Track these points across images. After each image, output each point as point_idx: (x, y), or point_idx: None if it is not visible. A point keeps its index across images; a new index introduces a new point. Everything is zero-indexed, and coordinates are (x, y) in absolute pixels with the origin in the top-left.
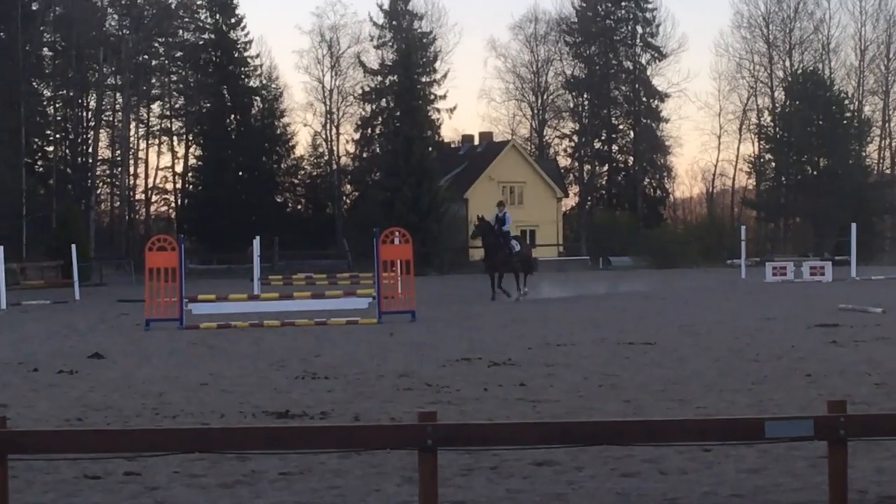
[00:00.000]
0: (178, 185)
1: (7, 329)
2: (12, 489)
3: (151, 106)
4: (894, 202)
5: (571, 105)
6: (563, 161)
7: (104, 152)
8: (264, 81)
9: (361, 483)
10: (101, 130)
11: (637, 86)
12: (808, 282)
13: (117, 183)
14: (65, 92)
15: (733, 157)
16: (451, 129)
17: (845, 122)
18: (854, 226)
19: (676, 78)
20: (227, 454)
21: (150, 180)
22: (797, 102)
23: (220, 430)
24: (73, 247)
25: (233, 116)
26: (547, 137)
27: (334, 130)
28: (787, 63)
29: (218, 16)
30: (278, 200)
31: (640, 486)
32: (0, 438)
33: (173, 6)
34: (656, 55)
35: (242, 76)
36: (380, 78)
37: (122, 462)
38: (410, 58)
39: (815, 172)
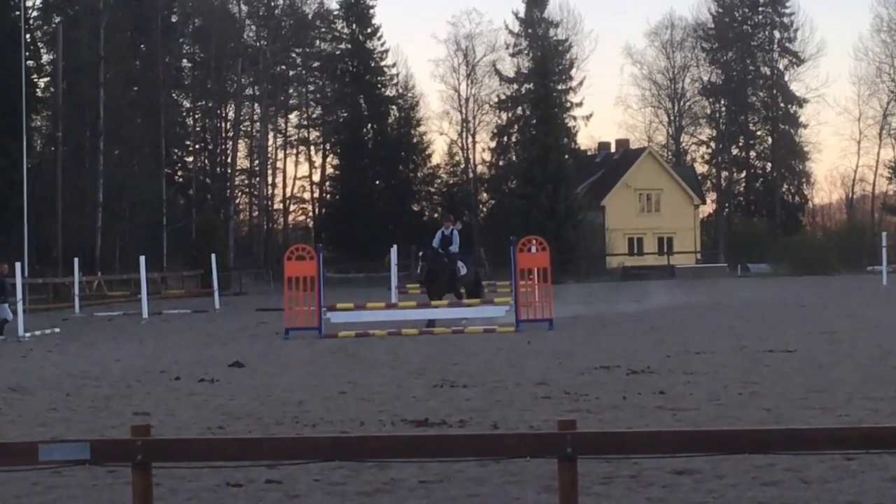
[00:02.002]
0: (316, 195)
1: (149, 338)
2: (156, 497)
3: (289, 116)
4: None
5: (708, 111)
6: (701, 168)
7: (242, 162)
8: (400, 91)
9: (501, 491)
10: (240, 141)
11: (775, 91)
12: None
13: (255, 192)
14: (203, 103)
15: (873, 163)
16: (588, 137)
17: None
18: None
19: (815, 83)
20: (367, 462)
21: (288, 190)
22: None
23: (359, 438)
24: (213, 256)
25: (369, 126)
26: (684, 144)
27: (470, 139)
28: None
29: (354, 26)
30: (415, 209)
31: (782, 495)
32: (145, 446)
33: (310, 17)
34: (794, 60)
35: (379, 85)
36: (515, 86)
37: (263, 470)
38: (546, 65)
39: None
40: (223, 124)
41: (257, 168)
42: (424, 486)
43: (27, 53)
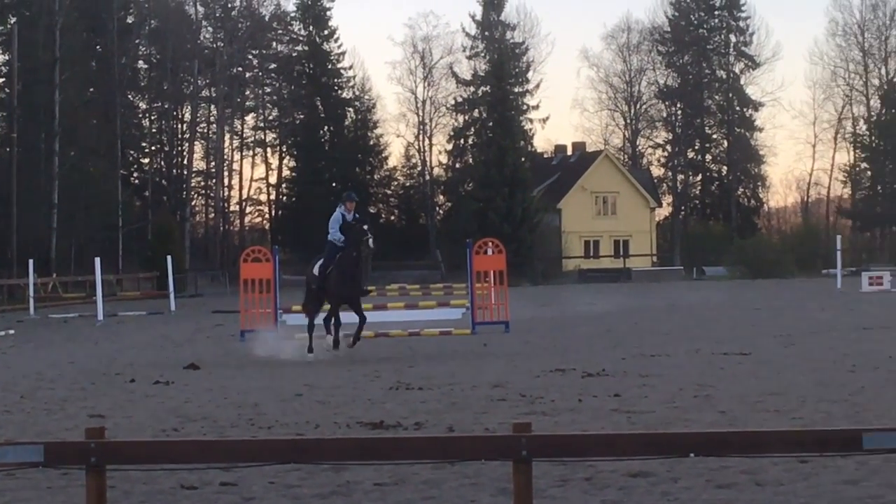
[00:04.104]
0: (272, 197)
1: (104, 340)
2: (110, 500)
3: (245, 118)
4: None
5: (664, 115)
6: (657, 171)
7: (199, 164)
8: (357, 93)
9: (456, 494)
10: (196, 142)
11: (730, 95)
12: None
13: (212, 194)
14: (160, 104)
15: (828, 167)
16: (544, 140)
17: None
18: None
19: (770, 87)
20: (323, 465)
21: (245, 192)
22: (893, 111)
23: (315, 441)
24: (169, 258)
25: (326, 128)
26: (640, 147)
27: (427, 141)
28: (883, 71)
29: (311, 28)
30: (372, 211)
31: (737, 498)
32: (99, 449)
33: (267, 18)
34: (750, 64)
35: (335, 87)
36: (472, 88)
37: (218, 472)
38: (503, 68)
39: None
40: (179, 126)
41: (214, 170)
42: (379, 488)
43: None
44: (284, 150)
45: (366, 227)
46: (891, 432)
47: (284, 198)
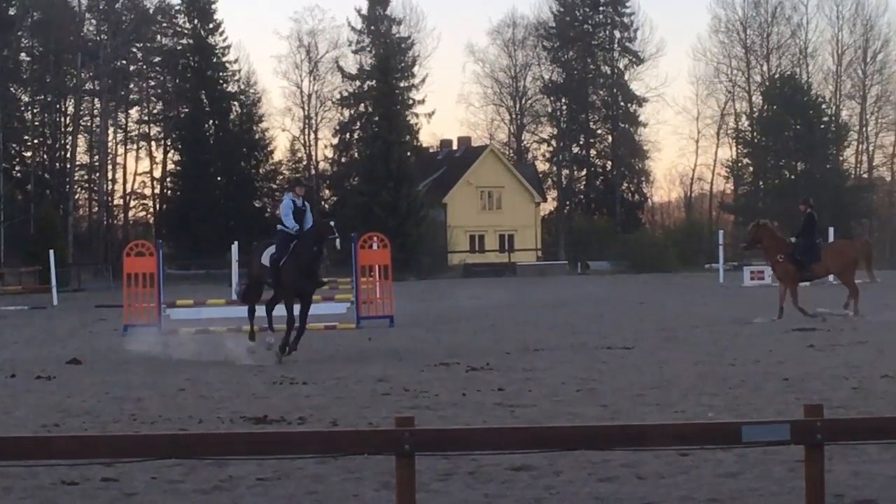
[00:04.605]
0: (157, 191)
1: None
2: None
3: (130, 111)
4: (871, 206)
5: (549, 110)
6: (542, 166)
7: (82, 157)
8: (242, 87)
9: (339, 488)
10: (80, 136)
11: (615, 90)
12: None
13: (95, 188)
14: (43, 97)
15: (711, 162)
16: (430, 134)
17: (822, 126)
18: (832, 230)
19: (654, 83)
20: (205, 460)
21: (129, 186)
22: (775, 107)
23: (197, 436)
24: (52, 252)
25: (211, 122)
26: (525, 142)
27: (312, 135)
28: (765, 67)
29: (196, 21)
30: (257, 205)
31: (618, 491)
32: None
33: (151, 11)
34: (634, 60)
35: (221, 81)
36: (358, 83)
37: (99, 468)
38: (389, 62)
39: (792, 177)
40: (62, 119)
41: (97, 163)
42: (262, 483)
43: None
44: (169, 143)
45: (332, 223)
46: (769, 425)
47: (169, 192)
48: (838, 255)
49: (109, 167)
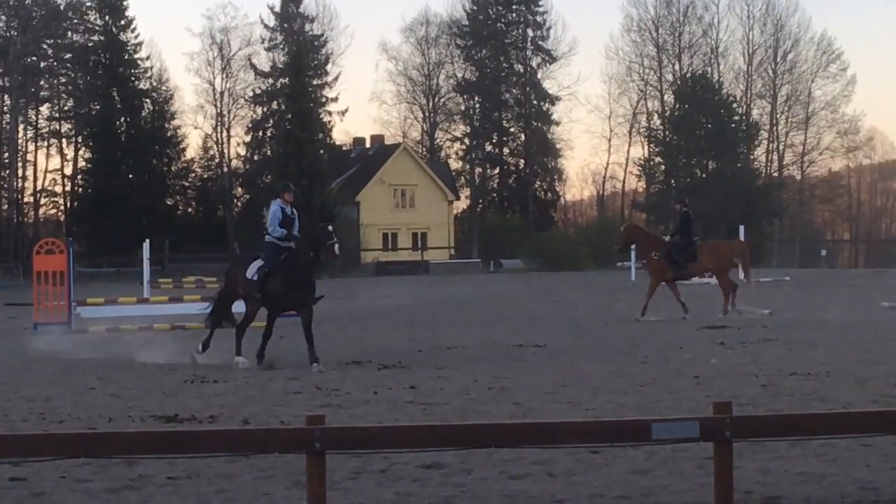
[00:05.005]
0: (68, 188)
1: None
2: None
3: (40, 108)
4: (782, 205)
5: (462, 108)
6: (455, 164)
7: None
8: (154, 84)
9: (250, 487)
10: None
11: (528, 89)
12: (697, 283)
13: (5, 185)
14: None
15: (623, 160)
16: (343, 132)
17: (733, 125)
18: (742, 228)
19: (567, 81)
20: (115, 459)
21: (39, 183)
22: (686, 106)
23: (107, 435)
24: None
25: (123, 119)
26: (438, 140)
27: (225, 133)
28: (677, 67)
29: (108, 17)
30: (169, 203)
31: (529, 489)
32: None
33: (62, 7)
34: (547, 58)
35: (132, 78)
36: (271, 80)
37: (7, 468)
38: (301, 60)
39: (703, 175)
40: None
41: (7, 161)
42: (173, 482)
43: None
44: (80, 141)
45: (331, 228)
46: (679, 422)
47: (80, 189)
48: (714, 255)
49: (19, 164)
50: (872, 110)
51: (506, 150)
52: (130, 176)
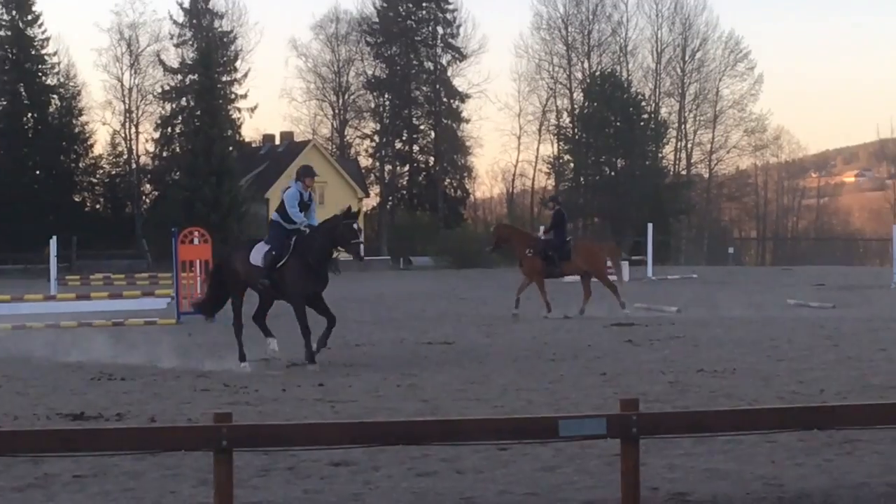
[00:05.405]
0: None
1: None
2: None
3: None
4: (690, 203)
5: (372, 105)
6: (365, 161)
7: None
8: (62, 80)
9: (157, 485)
10: None
11: (438, 86)
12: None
13: None
14: None
15: (533, 158)
16: (253, 129)
17: (642, 123)
18: (650, 226)
19: (477, 79)
20: (20, 457)
21: None
22: (595, 104)
23: (11, 433)
24: None
25: (30, 115)
26: (348, 137)
27: (133, 129)
28: (586, 65)
29: (14, 12)
30: (76, 200)
31: (437, 486)
32: None
33: None
34: (457, 56)
35: (40, 74)
36: (180, 77)
37: None
38: (211, 57)
39: (612, 173)
40: None
41: None
42: (79, 480)
43: None
44: None
45: (356, 226)
46: (586, 419)
47: None
48: (588, 256)
49: None
50: (779, 109)
51: (416, 148)
52: (38, 172)
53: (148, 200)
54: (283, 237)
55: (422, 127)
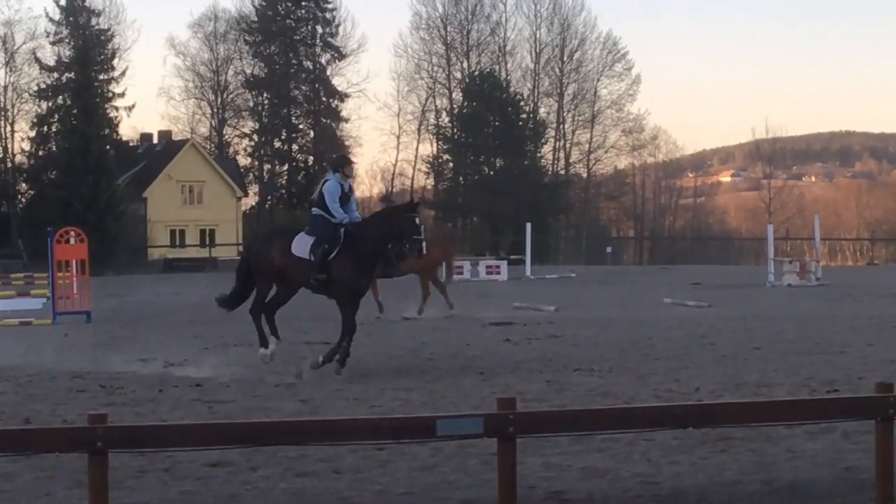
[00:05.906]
0: None
1: None
2: None
3: None
4: (568, 202)
5: (251, 104)
6: (243, 160)
7: None
8: None
9: (31, 487)
10: None
11: (317, 85)
12: (485, 280)
13: None
14: None
15: (412, 158)
16: (130, 128)
17: (521, 123)
18: (529, 225)
19: (356, 78)
20: None
21: None
22: (474, 103)
23: None
24: None
25: None
26: (227, 136)
27: (9, 128)
28: (465, 64)
29: None
30: None
31: (315, 486)
32: None
33: None
34: (336, 55)
35: None
36: (56, 75)
37: None
38: (88, 55)
39: (492, 173)
40: None
41: None
42: None
43: None
44: None
45: (419, 221)
46: (464, 419)
47: None
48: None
49: None
50: (656, 110)
51: (295, 147)
52: None
53: (24, 199)
54: (332, 229)
55: (301, 126)
